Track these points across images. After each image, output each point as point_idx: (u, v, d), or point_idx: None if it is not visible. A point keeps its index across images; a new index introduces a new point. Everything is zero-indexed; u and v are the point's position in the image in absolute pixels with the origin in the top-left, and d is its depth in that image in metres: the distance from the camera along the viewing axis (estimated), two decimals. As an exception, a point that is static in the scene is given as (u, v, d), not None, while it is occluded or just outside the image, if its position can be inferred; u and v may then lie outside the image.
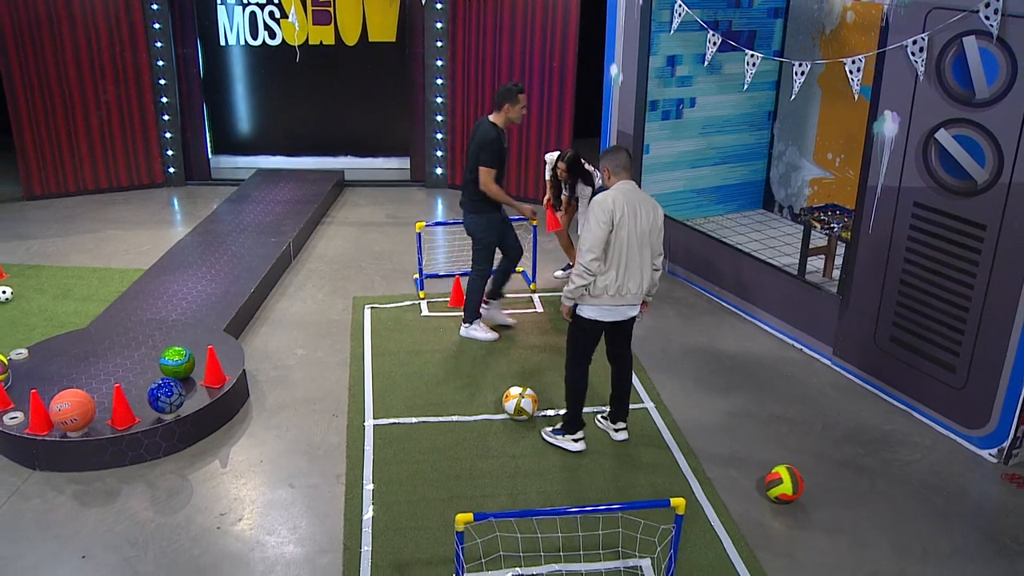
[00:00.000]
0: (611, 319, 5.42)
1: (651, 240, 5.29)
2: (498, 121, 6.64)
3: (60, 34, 10.15)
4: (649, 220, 5.25)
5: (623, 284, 5.26)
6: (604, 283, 5.24)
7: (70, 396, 5.36)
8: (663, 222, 5.37)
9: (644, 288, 5.36)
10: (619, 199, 5.15)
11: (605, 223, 5.11)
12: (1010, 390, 5.54)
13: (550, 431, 5.79)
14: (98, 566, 4.64)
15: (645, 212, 5.22)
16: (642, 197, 5.26)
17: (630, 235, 5.17)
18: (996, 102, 5.34)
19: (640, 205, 5.21)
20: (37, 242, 9.23)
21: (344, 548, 4.79)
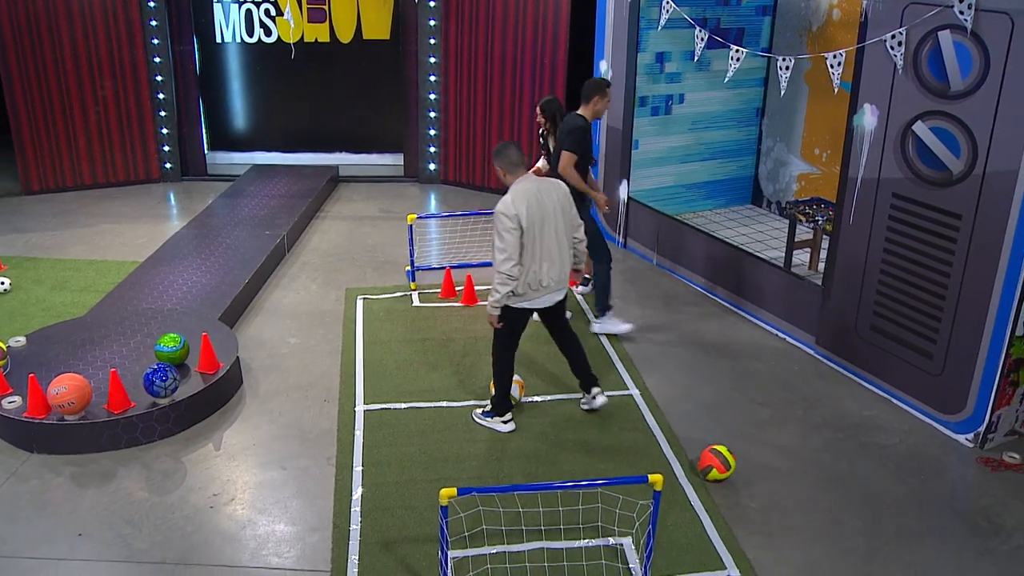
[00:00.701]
0: (540, 306, 5.62)
1: (564, 221, 5.47)
2: (586, 114, 6.87)
3: (58, 31, 10.28)
4: (553, 203, 5.40)
5: (544, 277, 5.45)
6: (525, 280, 5.41)
7: (67, 380, 5.49)
8: (568, 198, 5.53)
9: (566, 271, 5.58)
10: (519, 199, 5.28)
11: (513, 229, 5.26)
12: (985, 376, 5.68)
13: (480, 413, 5.97)
14: (94, 543, 4.77)
15: (548, 198, 5.38)
16: (541, 186, 5.40)
17: (541, 229, 5.34)
18: (970, 94, 5.48)
19: (542, 193, 5.36)
20: (35, 235, 9.36)
21: (333, 526, 4.92)
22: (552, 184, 5.49)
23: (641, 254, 9.04)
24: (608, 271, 7.25)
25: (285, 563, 4.66)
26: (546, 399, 6.25)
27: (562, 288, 5.64)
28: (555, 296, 5.63)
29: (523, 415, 6.04)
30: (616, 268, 8.69)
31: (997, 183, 5.39)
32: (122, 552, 4.71)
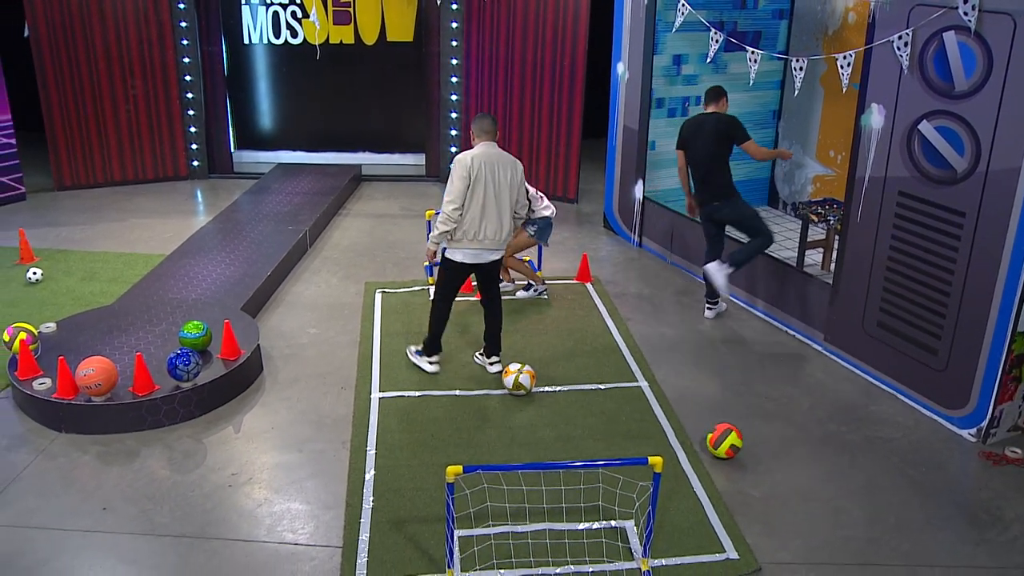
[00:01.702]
0: (473, 261, 6.26)
1: (509, 193, 6.15)
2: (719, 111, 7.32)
3: (91, 32, 10.60)
4: (507, 176, 6.12)
5: (480, 230, 6.10)
6: (464, 228, 6.09)
7: (95, 363, 5.72)
8: (521, 178, 6.24)
9: (503, 236, 6.20)
10: (477, 158, 6.03)
11: (464, 178, 6.00)
12: (987, 371, 5.77)
13: (413, 350, 6.72)
14: (117, 517, 4.99)
15: (503, 168, 6.10)
16: (502, 157, 6.13)
17: (487, 188, 6.04)
18: (974, 94, 5.59)
19: (498, 163, 6.09)
20: (66, 229, 9.65)
21: (346, 505, 5.10)
22: (511, 160, 6.18)
23: (655, 252, 9.18)
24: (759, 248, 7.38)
25: (299, 539, 4.85)
26: (557, 389, 6.40)
27: (496, 251, 6.28)
28: (489, 255, 6.28)
29: (533, 404, 6.21)
30: (631, 265, 8.88)
31: (999, 181, 5.49)
32: (144, 526, 4.92)
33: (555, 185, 10.94)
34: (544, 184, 10.96)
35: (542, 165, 10.96)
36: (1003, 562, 4.79)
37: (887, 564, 4.76)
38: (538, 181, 11.02)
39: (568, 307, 7.83)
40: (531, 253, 8.76)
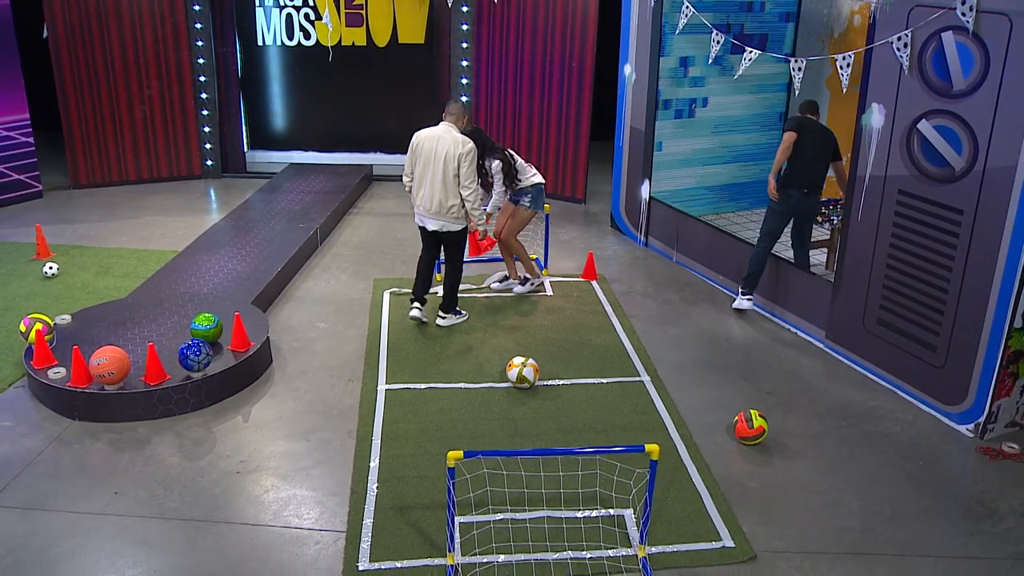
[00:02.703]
0: (419, 224, 7.29)
1: (444, 169, 6.87)
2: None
3: (108, 33, 10.79)
4: (444, 149, 6.85)
5: (418, 196, 7.11)
6: (412, 195, 7.18)
7: (108, 352, 5.87)
8: (461, 158, 6.84)
9: (434, 207, 6.99)
10: (422, 134, 7.00)
11: (409, 151, 7.04)
12: (985, 368, 5.85)
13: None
14: (128, 501, 5.12)
15: (442, 145, 6.87)
16: (445, 135, 6.89)
17: (425, 161, 6.94)
18: (971, 93, 5.67)
19: (440, 140, 6.89)
20: (82, 226, 9.82)
21: (351, 492, 5.22)
22: (455, 140, 6.87)
23: (661, 251, 9.28)
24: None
25: (304, 524, 4.97)
26: (560, 383, 6.50)
27: (434, 219, 7.10)
28: (428, 222, 7.15)
29: (536, 398, 6.31)
30: (636, 264, 8.99)
31: (996, 179, 5.57)
32: (154, 509, 5.05)
33: (563, 185, 11.05)
34: (552, 184, 11.07)
35: (551, 165, 11.06)
36: (995, 553, 4.86)
37: (881, 553, 4.84)
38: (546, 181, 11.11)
39: (573, 304, 7.94)
40: (537, 251, 8.87)
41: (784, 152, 7.42)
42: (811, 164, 7.52)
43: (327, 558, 4.69)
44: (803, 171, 7.49)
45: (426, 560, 4.65)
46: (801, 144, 7.41)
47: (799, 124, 7.51)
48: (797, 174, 7.50)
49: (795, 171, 7.49)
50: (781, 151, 7.44)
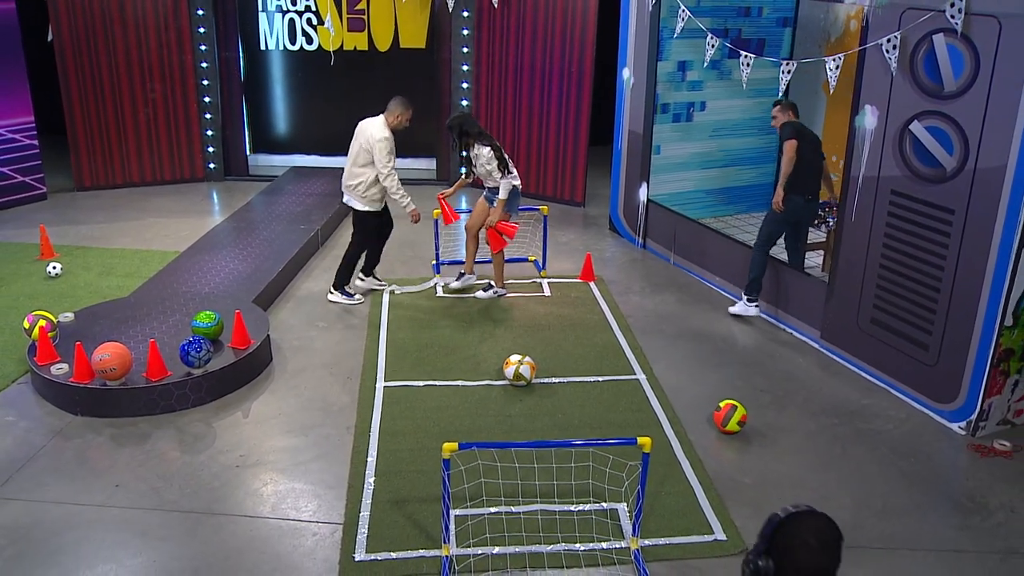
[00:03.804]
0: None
1: (357, 150, 7.69)
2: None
3: (113, 37, 10.90)
4: (362, 138, 7.65)
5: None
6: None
7: (111, 348, 5.96)
8: (366, 146, 7.59)
9: (343, 184, 7.83)
10: (361, 122, 7.75)
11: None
12: (976, 366, 5.91)
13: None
14: (129, 493, 5.20)
15: (363, 132, 7.65)
16: (371, 125, 7.63)
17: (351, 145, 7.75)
18: (962, 94, 5.75)
19: (364, 127, 7.69)
20: (86, 227, 9.92)
21: (348, 485, 5.30)
22: (374, 128, 7.61)
23: (659, 253, 9.36)
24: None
25: (302, 516, 5.04)
26: (556, 381, 6.57)
27: (344, 194, 7.90)
28: (346, 198, 7.93)
29: (533, 395, 6.38)
30: (635, 266, 9.06)
31: (987, 179, 5.65)
32: (154, 502, 5.13)
33: (562, 189, 11.13)
34: (552, 188, 11.16)
35: (550, 169, 11.15)
36: (984, 547, 4.92)
37: (871, 547, 4.90)
38: (546, 185, 11.22)
39: (571, 304, 8.01)
40: (536, 252, 8.96)
41: (791, 162, 7.36)
42: (812, 169, 7.58)
43: (324, 549, 4.77)
44: (805, 177, 7.51)
45: (421, 551, 4.73)
46: (801, 150, 7.41)
47: (798, 130, 7.53)
48: (800, 181, 7.47)
49: (798, 178, 7.45)
50: (788, 161, 7.39)
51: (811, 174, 7.58)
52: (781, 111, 7.72)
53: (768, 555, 2.41)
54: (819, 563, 2.37)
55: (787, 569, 2.37)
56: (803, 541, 2.38)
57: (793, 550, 2.37)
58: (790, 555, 2.37)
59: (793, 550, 2.37)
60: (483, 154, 7.64)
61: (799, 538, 2.38)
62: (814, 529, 2.42)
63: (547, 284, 8.48)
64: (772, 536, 2.43)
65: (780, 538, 2.41)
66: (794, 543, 2.37)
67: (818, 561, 2.37)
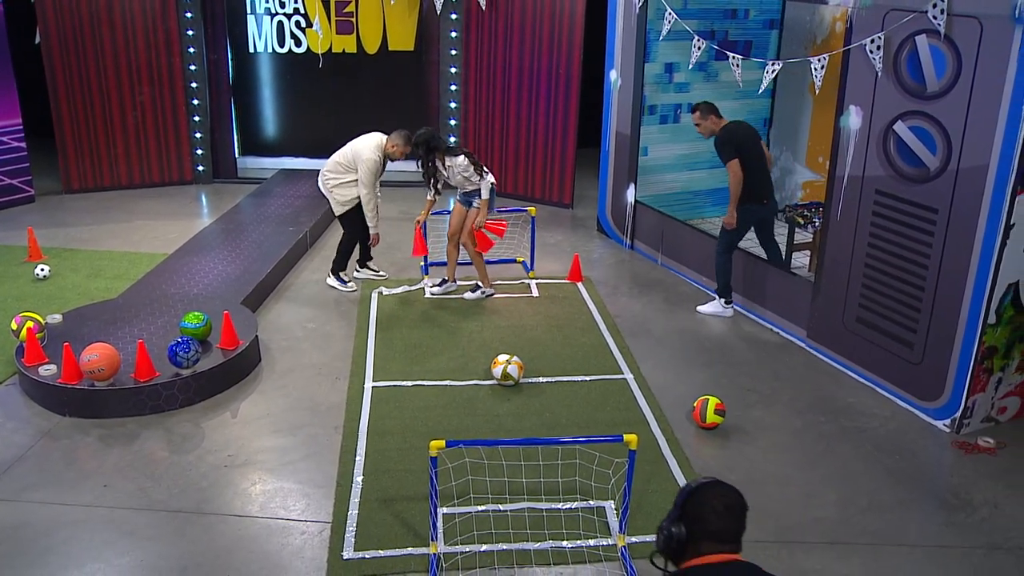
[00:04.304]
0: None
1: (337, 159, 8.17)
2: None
3: (101, 39, 10.89)
4: (349, 150, 8.12)
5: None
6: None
7: (99, 348, 5.96)
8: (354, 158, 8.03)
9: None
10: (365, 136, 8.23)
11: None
12: (960, 363, 5.96)
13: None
14: (117, 493, 5.20)
15: (353, 144, 8.14)
16: (362, 142, 8.09)
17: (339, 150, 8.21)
18: (945, 94, 5.81)
19: (355, 143, 8.16)
20: (74, 229, 9.90)
21: (336, 484, 5.31)
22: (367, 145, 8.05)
23: (646, 254, 9.40)
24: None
25: (290, 515, 5.06)
26: (544, 381, 6.60)
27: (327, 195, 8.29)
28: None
29: (521, 395, 6.41)
30: (622, 267, 9.10)
31: (969, 178, 5.70)
32: (142, 501, 5.13)
33: (551, 190, 11.16)
34: (540, 189, 11.20)
35: (538, 171, 11.19)
36: (968, 542, 4.97)
37: (856, 543, 4.94)
38: (534, 187, 11.26)
39: (559, 305, 8.04)
40: (524, 253, 8.99)
41: (739, 183, 7.35)
42: (760, 175, 7.55)
43: (312, 548, 4.78)
44: (756, 185, 7.50)
45: (409, 549, 4.75)
46: (746, 158, 7.39)
47: (738, 143, 7.40)
48: (754, 189, 7.48)
49: (751, 187, 7.45)
50: (737, 183, 7.34)
51: (761, 180, 7.54)
52: (702, 116, 7.60)
53: (680, 521, 2.62)
54: (725, 526, 2.59)
55: (697, 533, 2.58)
56: (711, 507, 2.59)
57: (702, 515, 2.59)
58: (699, 520, 2.59)
59: (702, 515, 2.59)
60: (458, 163, 7.65)
61: (707, 504, 2.60)
62: (720, 495, 2.64)
63: (535, 285, 8.51)
64: (684, 504, 2.64)
65: (690, 506, 2.62)
66: (703, 509, 2.59)
67: (724, 524, 2.59)
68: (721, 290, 7.85)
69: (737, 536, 2.62)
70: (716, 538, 2.58)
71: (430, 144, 7.72)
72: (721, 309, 7.89)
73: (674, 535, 2.61)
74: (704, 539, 2.58)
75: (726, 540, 2.59)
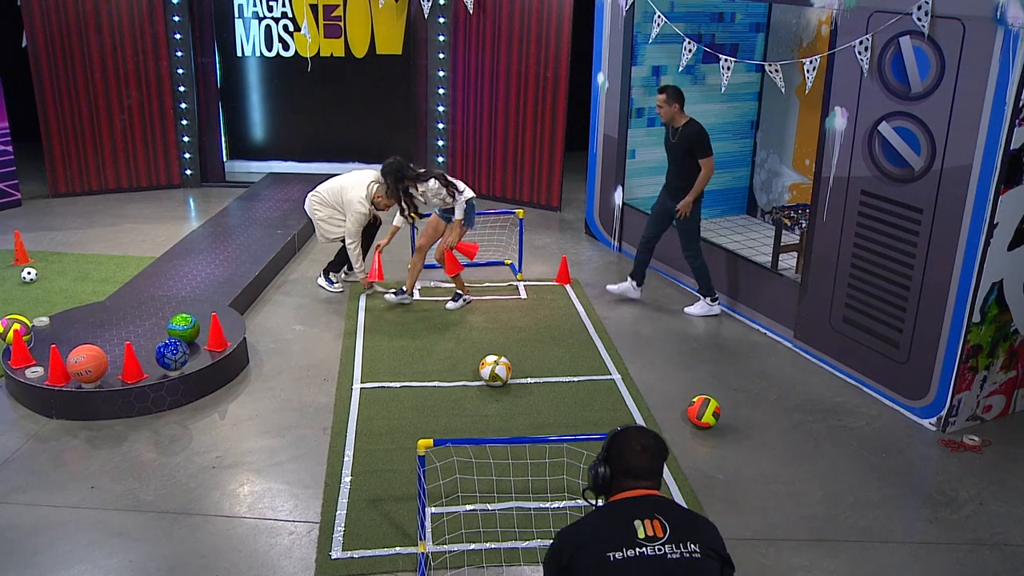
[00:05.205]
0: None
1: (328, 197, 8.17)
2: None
3: (88, 43, 10.86)
4: (342, 194, 8.08)
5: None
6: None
7: (86, 350, 5.94)
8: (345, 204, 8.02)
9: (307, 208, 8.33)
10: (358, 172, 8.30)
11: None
12: (945, 362, 6.01)
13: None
14: (104, 494, 5.19)
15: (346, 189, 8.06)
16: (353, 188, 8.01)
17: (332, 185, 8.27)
18: (928, 95, 5.86)
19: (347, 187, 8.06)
20: (60, 233, 9.87)
21: (325, 485, 5.31)
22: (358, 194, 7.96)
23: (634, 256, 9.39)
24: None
25: (278, 515, 5.05)
26: (532, 382, 6.62)
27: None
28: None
29: (509, 395, 6.42)
30: (610, 269, 9.13)
31: (953, 178, 5.75)
32: (130, 503, 5.12)
33: (539, 193, 11.19)
34: (528, 193, 11.22)
35: (526, 174, 11.21)
36: (954, 538, 5.00)
37: (843, 540, 4.97)
38: (522, 190, 11.28)
39: (547, 307, 8.06)
40: (512, 256, 9.01)
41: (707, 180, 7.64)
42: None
43: (300, 547, 4.78)
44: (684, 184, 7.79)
45: (398, 548, 4.75)
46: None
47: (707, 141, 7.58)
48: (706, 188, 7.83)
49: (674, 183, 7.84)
50: (708, 179, 7.63)
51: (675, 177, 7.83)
52: (668, 101, 7.55)
53: (606, 462, 2.97)
54: (641, 463, 2.92)
55: (618, 471, 2.93)
56: (630, 447, 2.94)
57: (623, 455, 2.93)
58: (621, 459, 2.94)
59: (623, 455, 2.93)
60: (431, 187, 7.63)
61: (627, 445, 2.95)
62: (639, 437, 2.98)
63: (523, 287, 8.53)
64: (608, 447, 2.99)
65: (613, 447, 2.98)
66: (623, 449, 2.94)
67: (640, 462, 2.92)
68: (704, 289, 7.89)
69: (653, 473, 2.95)
70: (634, 475, 2.91)
71: (399, 174, 7.64)
72: (708, 307, 7.93)
73: (600, 474, 2.96)
74: (625, 476, 2.92)
75: (642, 477, 2.92)
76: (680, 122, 7.56)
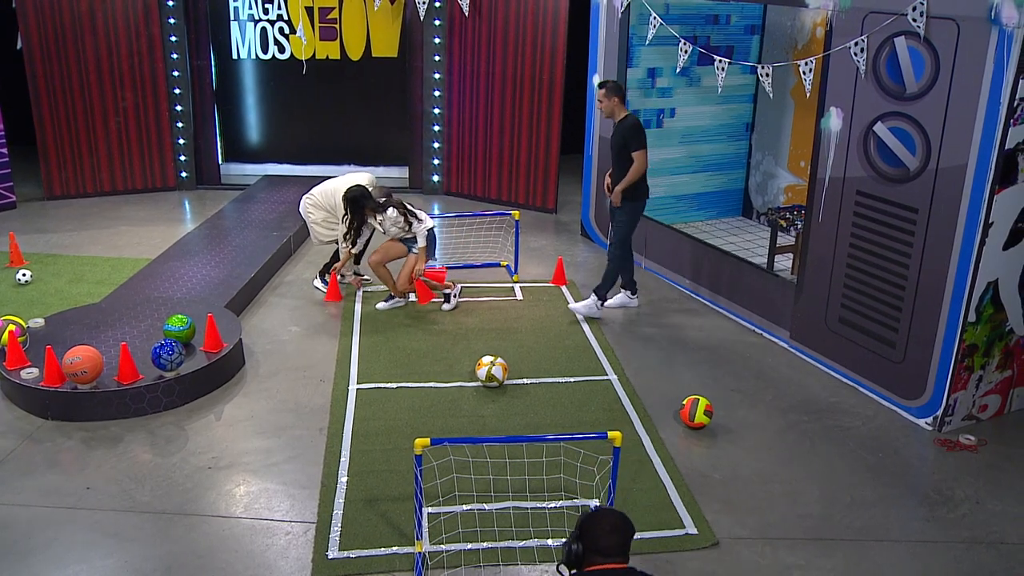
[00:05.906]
0: None
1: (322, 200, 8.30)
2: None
3: (83, 45, 10.85)
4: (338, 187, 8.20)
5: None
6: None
7: (81, 351, 5.93)
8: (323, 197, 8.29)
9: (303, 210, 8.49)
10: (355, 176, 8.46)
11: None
12: (941, 362, 6.02)
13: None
14: (100, 495, 5.17)
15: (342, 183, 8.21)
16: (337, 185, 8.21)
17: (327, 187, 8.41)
18: (923, 95, 5.88)
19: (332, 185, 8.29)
20: (56, 235, 9.85)
21: (321, 485, 5.30)
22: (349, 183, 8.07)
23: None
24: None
25: (275, 516, 5.04)
26: (528, 382, 6.62)
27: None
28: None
29: (505, 396, 6.42)
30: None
31: (948, 178, 5.77)
32: (125, 503, 5.11)
33: (534, 195, 11.19)
34: (524, 194, 11.22)
35: (522, 176, 11.21)
36: (950, 537, 5.01)
37: (839, 539, 4.98)
38: (518, 192, 11.28)
39: (543, 308, 8.06)
40: (508, 257, 9.02)
41: (641, 174, 7.59)
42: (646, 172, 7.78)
43: (297, 547, 4.77)
44: (647, 182, 7.81)
45: (394, 548, 4.75)
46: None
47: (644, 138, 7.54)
48: (646, 187, 7.84)
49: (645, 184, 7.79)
50: (640, 172, 7.56)
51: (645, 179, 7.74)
52: (607, 95, 7.50)
53: (579, 540, 3.18)
54: (611, 542, 3.15)
55: (590, 549, 3.16)
56: (601, 527, 3.17)
57: (594, 534, 3.16)
58: (592, 538, 3.16)
59: (594, 534, 3.16)
60: (389, 217, 7.69)
61: (598, 525, 3.18)
62: (608, 518, 3.21)
63: (519, 288, 8.53)
64: (581, 526, 3.21)
65: (585, 527, 3.19)
66: (595, 529, 3.17)
67: (610, 541, 3.15)
68: (601, 291, 7.84)
69: (622, 549, 3.18)
70: (603, 553, 3.14)
71: (356, 203, 7.80)
72: (628, 300, 8.04)
73: (573, 551, 3.18)
74: (595, 553, 3.15)
75: (611, 554, 3.15)
76: (620, 116, 7.55)
